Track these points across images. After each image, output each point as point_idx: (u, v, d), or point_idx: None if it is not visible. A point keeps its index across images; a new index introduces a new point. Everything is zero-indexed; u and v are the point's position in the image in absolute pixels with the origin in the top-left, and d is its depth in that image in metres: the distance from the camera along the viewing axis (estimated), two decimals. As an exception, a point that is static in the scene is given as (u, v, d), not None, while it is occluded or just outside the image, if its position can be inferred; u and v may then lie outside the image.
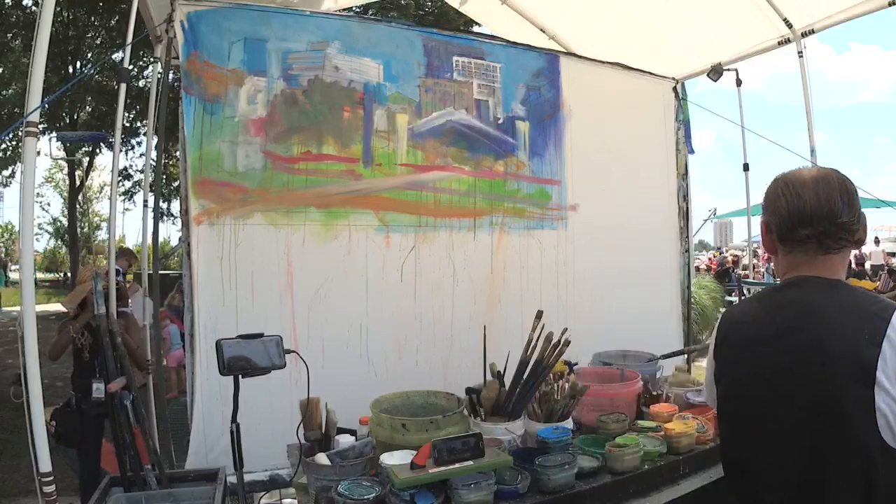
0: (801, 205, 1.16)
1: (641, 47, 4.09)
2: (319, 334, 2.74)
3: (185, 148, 2.56)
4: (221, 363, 1.71)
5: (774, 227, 1.21)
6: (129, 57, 2.96)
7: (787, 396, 1.12)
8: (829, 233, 1.14)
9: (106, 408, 2.97)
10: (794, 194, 1.17)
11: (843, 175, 1.19)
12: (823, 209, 1.14)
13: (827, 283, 1.16)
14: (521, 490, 1.74)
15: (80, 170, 16.00)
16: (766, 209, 1.23)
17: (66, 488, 3.07)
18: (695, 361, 4.85)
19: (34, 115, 1.86)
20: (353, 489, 1.63)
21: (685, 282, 4.01)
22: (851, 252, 1.24)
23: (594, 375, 2.60)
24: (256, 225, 2.66)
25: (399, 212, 2.97)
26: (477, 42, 3.27)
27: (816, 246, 1.16)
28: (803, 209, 1.15)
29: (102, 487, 1.94)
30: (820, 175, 1.18)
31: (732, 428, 1.28)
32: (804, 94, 3.81)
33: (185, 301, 2.60)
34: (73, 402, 3.04)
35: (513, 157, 3.29)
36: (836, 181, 1.17)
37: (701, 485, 2.06)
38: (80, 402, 3.01)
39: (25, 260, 1.88)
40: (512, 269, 3.28)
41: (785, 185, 1.20)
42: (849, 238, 1.16)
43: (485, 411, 2.12)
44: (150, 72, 8.71)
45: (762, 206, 1.27)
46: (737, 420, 1.26)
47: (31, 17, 9.96)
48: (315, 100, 2.80)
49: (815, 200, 1.15)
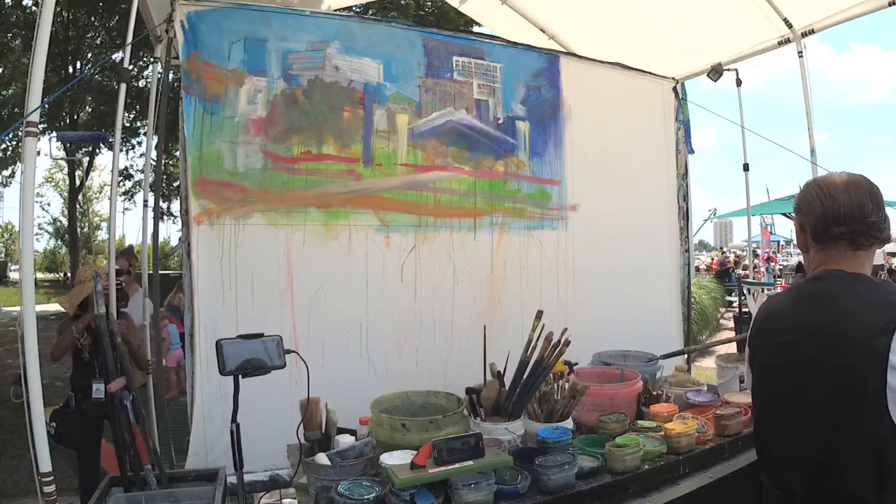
0: (835, 206, 1.28)
1: (641, 47, 4.09)
2: (319, 334, 2.74)
3: (185, 148, 2.56)
4: (221, 363, 1.71)
5: (808, 227, 1.34)
6: (129, 57, 2.96)
7: (810, 381, 1.24)
8: (860, 231, 1.27)
9: (106, 408, 2.97)
10: (829, 196, 1.29)
11: (870, 181, 1.32)
12: (855, 210, 1.26)
13: (851, 276, 1.27)
14: (521, 490, 1.74)
15: (80, 170, 16.01)
16: (801, 210, 1.36)
17: (66, 488, 3.07)
18: (695, 361, 4.86)
19: (34, 115, 1.86)
20: (353, 489, 1.63)
21: (685, 282, 4.01)
22: (878, 248, 1.35)
23: (594, 375, 2.60)
24: (256, 225, 2.66)
25: (399, 212, 2.97)
26: (477, 42, 3.27)
27: (848, 243, 1.28)
28: (837, 210, 1.28)
29: (102, 487, 1.94)
30: (850, 180, 1.31)
31: (762, 409, 1.41)
32: (804, 94, 3.81)
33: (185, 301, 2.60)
34: (72, 402, 3.03)
35: (513, 157, 3.29)
36: (865, 185, 1.30)
37: (701, 485, 2.06)
38: (79, 403, 2.99)
39: (25, 260, 1.89)
40: (512, 269, 3.28)
41: (819, 188, 1.32)
42: (877, 235, 1.28)
43: (485, 411, 2.12)
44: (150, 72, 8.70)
45: (794, 208, 1.40)
46: (766, 402, 1.39)
47: (31, 17, 9.97)
48: (315, 100, 2.80)
49: (848, 202, 1.27)
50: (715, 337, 9.32)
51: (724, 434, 2.24)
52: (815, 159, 3.76)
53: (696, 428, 2.15)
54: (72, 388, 3.07)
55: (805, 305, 1.32)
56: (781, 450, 1.33)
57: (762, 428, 1.42)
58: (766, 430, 1.41)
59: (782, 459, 1.33)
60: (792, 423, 1.29)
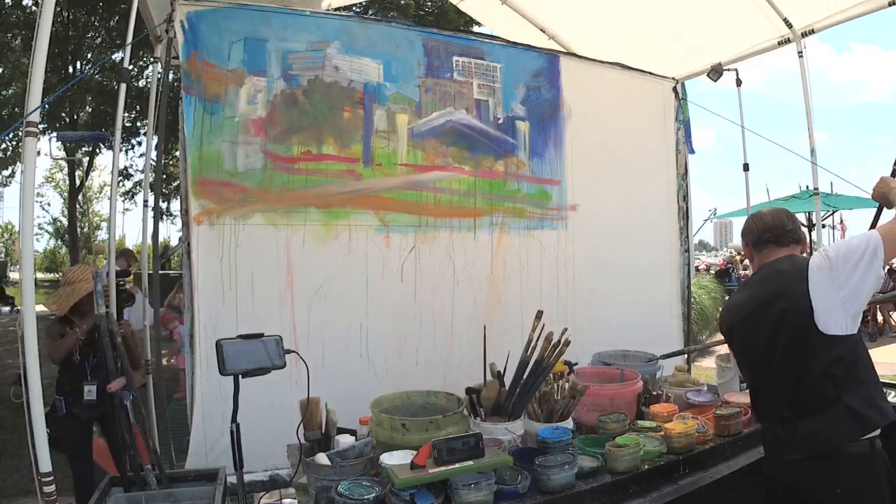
0: (763, 223, 2.00)
1: (641, 47, 4.09)
2: (319, 334, 2.74)
3: (185, 148, 2.56)
4: (221, 363, 1.71)
5: (750, 241, 2.04)
6: (129, 57, 2.96)
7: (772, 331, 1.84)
8: (781, 235, 1.96)
9: (98, 410, 2.95)
10: (759, 218, 2.02)
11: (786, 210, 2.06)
12: (776, 222, 1.98)
13: (778, 260, 1.94)
14: (521, 490, 1.74)
15: (80, 170, 16.02)
16: (745, 234, 2.07)
17: (65, 488, 3.05)
18: (695, 361, 4.86)
19: (34, 115, 1.86)
20: (353, 489, 1.63)
21: (685, 281, 4.01)
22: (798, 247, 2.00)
23: (594, 375, 2.60)
24: (256, 225, 2.66)
25: (399, 212, 2.97)
26: (477, 42, 3.26)
27: (774, 244, 1.97)
28: (764, 225, 1.99)
29: (102, 487, 1.94)
30: (773, 209, 2.07)
31: (749, 370, 2.01)
32: (804, 94, 3.81)
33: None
34: (62, 407, 2.92)
35: (513, 157, 3.29)
36: (783, 211, 2.04)
37: (701, 485, 2.06)
38: (70, 407, 2.91)
39: (25, 260, 1.88)
40: (512, 268, 3.28)
41: (752, 217, 2.07)
42: (793, 238, 1.97)
43: (485, 411, 2.12)
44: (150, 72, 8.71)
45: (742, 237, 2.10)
46: (748, 364, 2.01)
47: (31, 17, 9.97)
48: (315, 100, 2.80)
49: (771, 219, 1.99)
50: (715, 337, 9.29)
51: (724, 434, 2.24)
52: (815, 159, 3.76)
53: (696, 428, 2.15)
54: (59, 392, 2.96)
55: (753, 288, 2.00)
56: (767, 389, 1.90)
57: (752, 380, 2.00)
58: (754, 379, 1.98)
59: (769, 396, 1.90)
60: (767, 366, 1.87)
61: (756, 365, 1.94)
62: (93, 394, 2.89)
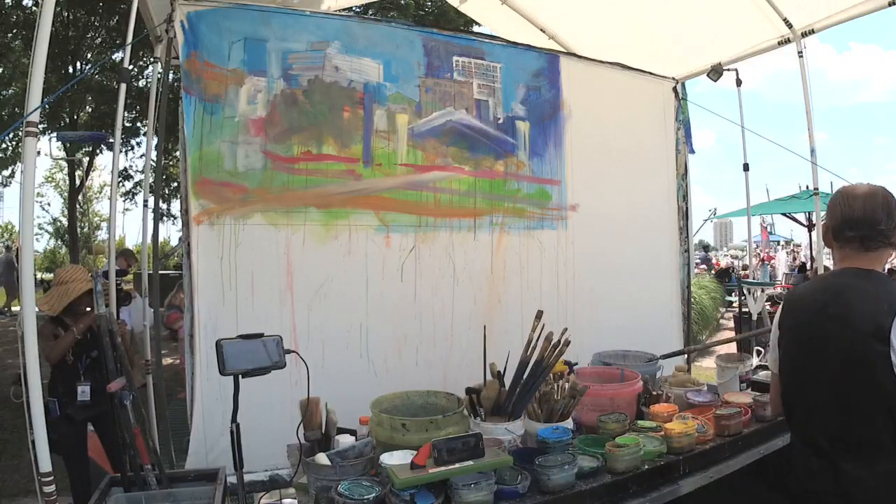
0: (851, 213, 1.54)
1: (641, 47, 4.09)
2: (319, 334, 2.74)
3: (185, 148, 2.56)
4: (221, 363, 1.71)
5: (830, 228, 1.61)
6: (129, 57, 2.96)
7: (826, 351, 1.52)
8: (869, 236, 1.52)
9: (92, 411, 2.93)
10: (847, 205, 1.55)
11: (887, 192, 1.56)
12: (868, 217, 1.52)
13: (861, 271, 1.54)
14: (521, 490, 1.74)
15: (80, 170, 15.98)
16: (827, 214, 1.63)
17: (65, 488, 3.06)
18: (695, 361, 4.86)
19: (34, 115, 1.86)
20: (353, 489, 1.63)
21: (685, 281, 4.01)
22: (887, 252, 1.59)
23: (594, 375, 2.60)
24: (256, 225, 2.66)
25: (399, 212, 2.97)
26: (477, 42, 3.27)
27: (859, 244, 1.54)
28: (852, 216, 1.54)
29: (102, 487, 1.94)
30: (869, 191, 1.56)
31: (790, 376, 1.67)
32: (804, 94, 3.81)
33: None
34: (55, 408, 2.84)
35: (513, 157, 3.29)
36: (881, 197, 1.54)
37: (701, 485, 2.06)
38: (64, 408, 2.86)
39: (25, 260, 1.88)
40: (512, 268, 3.28)
41: (842, 196, 1.59)
42: (885, 241, 1.53)
43: (485, 411, 2.12)
44: (150, 72, 8.71)
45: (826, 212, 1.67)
46: (794, 370, 1.65)
47: (31, 17, 9.96)
48: (315, 100, 2.80)
49: (862, 211, 1.52)
50: (715, 337, 9.31)
51: (724, 434, 2.24)
52: (815, 159, 3.76)
53: (696, 428, 2.15)
54: (52, 394, 2.89)
55: (823, 293, 1.59)
56: (804, 410, 1.60)
57: (790, 391, 1.67)
58: (792, 392, 1.65)
59: (805, 418, 1.60)
60: (813, 386, 1.57)
61: (802, 369, 1.62)
62: (86, 394, 2.87)
